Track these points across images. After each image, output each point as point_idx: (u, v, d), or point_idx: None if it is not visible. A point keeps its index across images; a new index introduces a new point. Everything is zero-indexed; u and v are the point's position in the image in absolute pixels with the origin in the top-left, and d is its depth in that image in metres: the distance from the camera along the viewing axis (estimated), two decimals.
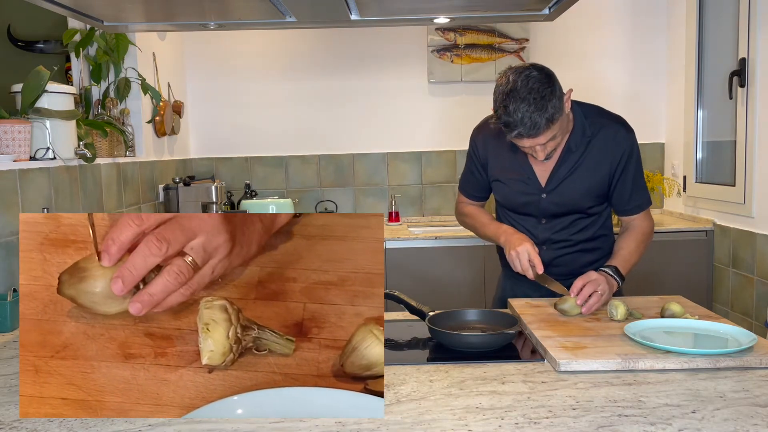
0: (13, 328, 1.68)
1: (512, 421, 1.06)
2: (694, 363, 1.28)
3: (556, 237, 1.87)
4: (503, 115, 1.62)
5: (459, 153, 3.88)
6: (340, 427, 1.04)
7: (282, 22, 1.80)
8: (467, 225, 2.04)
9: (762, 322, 2.82)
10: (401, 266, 3.23)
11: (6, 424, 1.08)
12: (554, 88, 1.61)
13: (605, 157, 1.78)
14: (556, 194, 1.81)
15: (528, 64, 1.65)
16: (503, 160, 1.85)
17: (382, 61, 3.85)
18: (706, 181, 3.39)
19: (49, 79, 2.11)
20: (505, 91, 1.62)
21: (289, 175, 3.91)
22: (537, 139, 1.63)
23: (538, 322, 1.56)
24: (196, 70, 3.85)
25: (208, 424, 1.07)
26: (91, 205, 2.45)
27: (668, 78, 3.78)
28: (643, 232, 1.83)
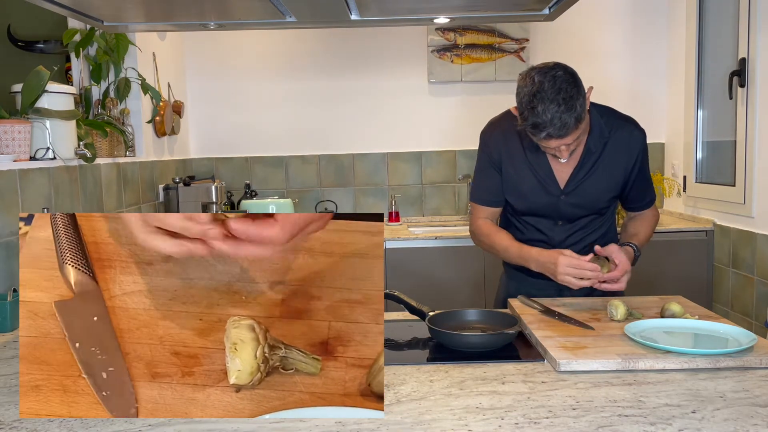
0: (13, 328, 1.68)
1: (512, 421, 1.06)
2: (694, 363, 1.28)
3: (572, 239, 1.88)
4: (531, 116, 1.59)
5: (459, 153, 3.88)
6: (340, 427, 1.04)
7: (282, 22, 1.80)
8: (485, 246, 1.92)
9: (762, 322, 2.82)
10: (401, 266, 3.23)
11: (6, 424, 1.08)
12: (580, 86, 1.61)
13: (622, 157, 1.80)
14: (575, 195, 1.81)
15: (552, 64, 1.64)
16: (517, 162, 1.83)
17: (382, 61, 3.85)
18: (706, 181, 3.39)
19: (49, 79, 2.11)
20: (532, 92, 1.59)
21: (289, 175, 3.91)
22: (565, 139, 1.62)
23: (538, 322, 1.56)
24: (196, 70, 3.85)
25: (208, 424, 1.07)
26: (91, 205, 2.45)
27: (668, 78, 3.78)
28: (656, 220, 1.95)
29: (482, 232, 1.90)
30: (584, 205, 1.83)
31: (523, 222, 1.91)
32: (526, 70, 1.67)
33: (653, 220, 1.94)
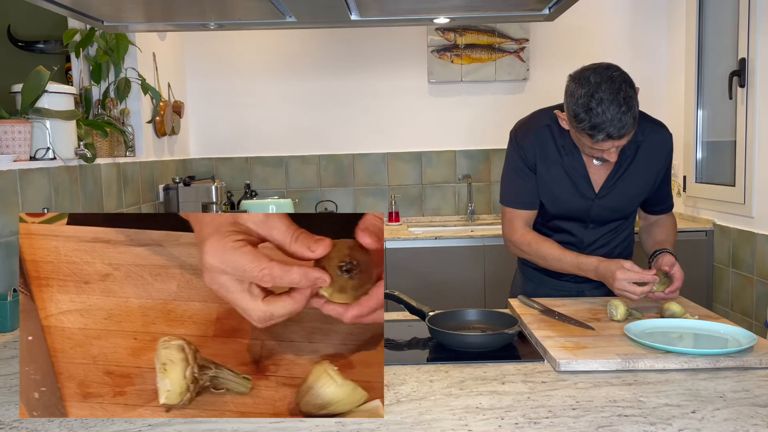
0: (13, 328, 1.69)
1: (512, 421, 1.06)
2: (694, 363, 1.28)
3: (600, 241, 1.88)
4: (589, 117, 1.57)
5: (459, 153, 3.88)
6: (340, 427, 1.04)
7: (282, 22, 1.80)
8: (528, 255, 1.85)
9: (762, 322, 2.82)
10: (401, 266, 3.23)
11: (6, 424, 1.09)
12: (634, 86, 1.61)
13: (654, 160, 1.80)
14: (609, 199, 1.81)
15: (605, 64, 1.62)
16: (552, 165, 1.80)
17: (382, 61, 3.85)
18: (706, 181, 3.39)
19: (49, 79, 2.11)
20: (589, 93, 1.56)
21: (289, 175, 3.91)
22: (621, 141, 1.60)
23: (538, 322, 1.56)
24: (196, 70, 3.85)
25: (208, 424, 1.07)
26: (91, 205, 2.45)
27: (668, 78, 3.78)
28: (676, 227, 1.95)
29: (525, 241, 1.83)
30: (616, 208, 1.83)
31: (551, 225, 1.88)
32: (577, 71, 1.64)
33: (675, 226, 1.94)
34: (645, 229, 1.96)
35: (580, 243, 1.87)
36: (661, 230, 1.91)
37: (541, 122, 1.81)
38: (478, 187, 3.90)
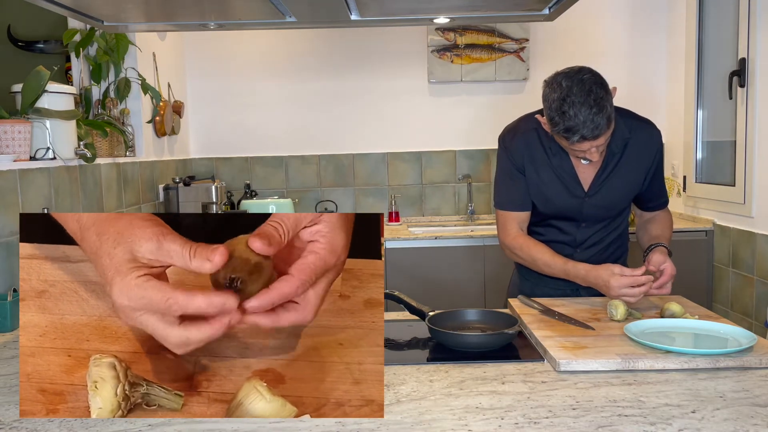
0: (13, 328, 1.69)
1: (512, 421, 1.06)
2: (694, 363, 1.28)
3: (593, 239, 1.89)
4: (563, 120, 1.61)
5: (459, 153, 3.88)
6: (340, 427, 1.04)
7: (282, 22, 1.80)
8: (521, 259, 1.89)
9: (762, 322, 2.82)
10: (401, 266, 3.23)
11: (6, 424, 1.09)
12: (606, 87, 1.63)
13: (642, 157, 1.83)
14: (599, 197, 1.83)
15: (577, 68, 1.66)
16: (540, 167, 1.83)
17: (382, 61, 3.85)
18: (706, 181, 3.39)
19: (49, 79, 2.11)
20: (561, 97, 1.61)
21: (289, 175, 3.91)
22: (597, 141, 1.63)
23: (537, 322, 1.56)
24: (196, 70, 3.85)
25: (208, 424, 1.07)
26: (91, 205, 2.45)
27: (668, 78, 3.78)
28: (672, 222, 1.98)
29: (517, 244, 1.86)
30: (607, 206, 1.85)
31: (544, 224, 1.91)
32: (550, 76, 1.68)
33: (671, 221, 1.96)
34: (641, 226, 1.98)
35: (574, 241, 1.89)
36: (656, 225, 1.93)
37: (528, 126, 1.84)
38: (478, 187, 3.90)
